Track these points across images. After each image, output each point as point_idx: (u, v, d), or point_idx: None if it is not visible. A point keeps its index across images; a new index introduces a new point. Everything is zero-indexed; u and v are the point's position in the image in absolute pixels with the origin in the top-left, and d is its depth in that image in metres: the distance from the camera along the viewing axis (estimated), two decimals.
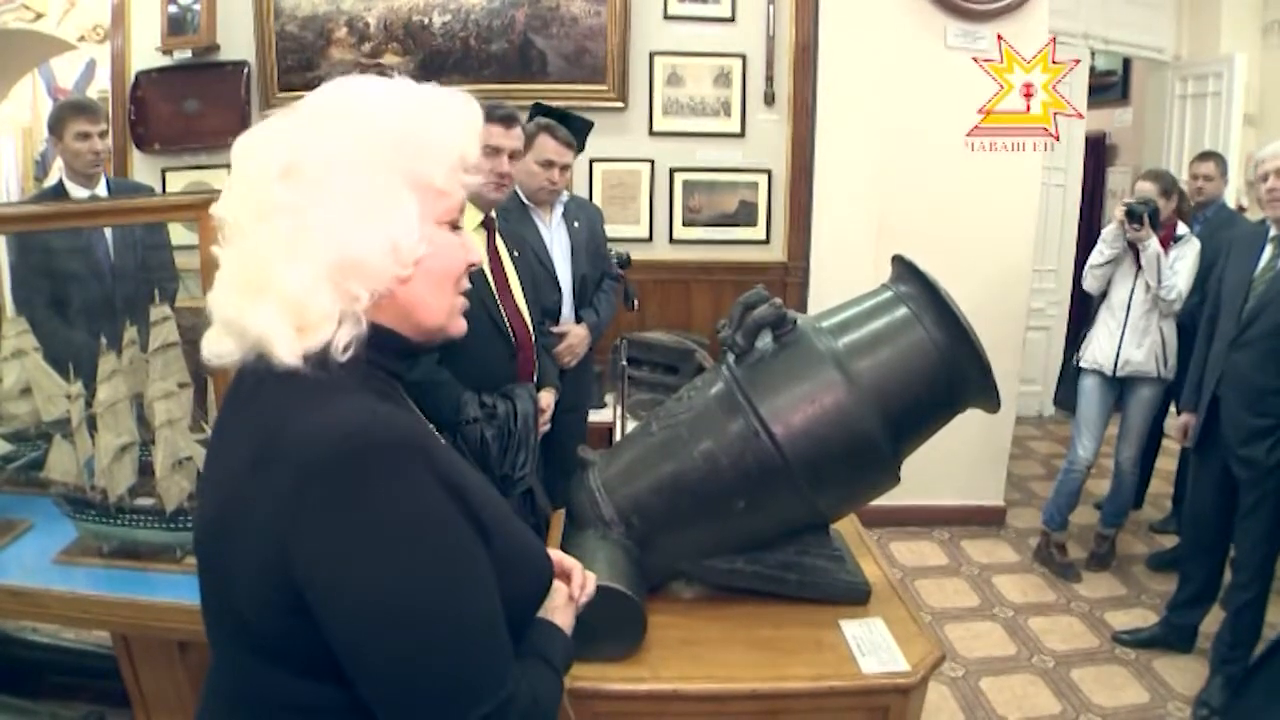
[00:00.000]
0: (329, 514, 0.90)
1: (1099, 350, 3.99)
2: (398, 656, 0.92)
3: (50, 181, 4.80)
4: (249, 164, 1.00)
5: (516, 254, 2.88)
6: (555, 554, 1.31)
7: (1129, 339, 3.89)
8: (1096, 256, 3.97)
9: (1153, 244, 3.73)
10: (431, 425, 1.14)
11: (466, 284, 1.10)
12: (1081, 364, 4.08)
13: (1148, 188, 3.87)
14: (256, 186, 0.98)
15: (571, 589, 1.28)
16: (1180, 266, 3.78)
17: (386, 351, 1.04)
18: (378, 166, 0.99)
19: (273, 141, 1.00)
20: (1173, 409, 3.89)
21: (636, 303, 3.54)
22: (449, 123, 1.05)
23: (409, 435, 0.96)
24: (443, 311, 1.07)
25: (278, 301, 0.95)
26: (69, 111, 3.42)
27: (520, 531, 1.15)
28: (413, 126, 1.02)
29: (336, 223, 0.97)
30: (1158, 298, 3.78)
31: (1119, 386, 4.01)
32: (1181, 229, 3.91)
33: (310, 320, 0.96)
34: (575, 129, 3.50)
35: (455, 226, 1.07)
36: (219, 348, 1.00)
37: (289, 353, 0.95)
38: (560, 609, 1.24)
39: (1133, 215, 3.73)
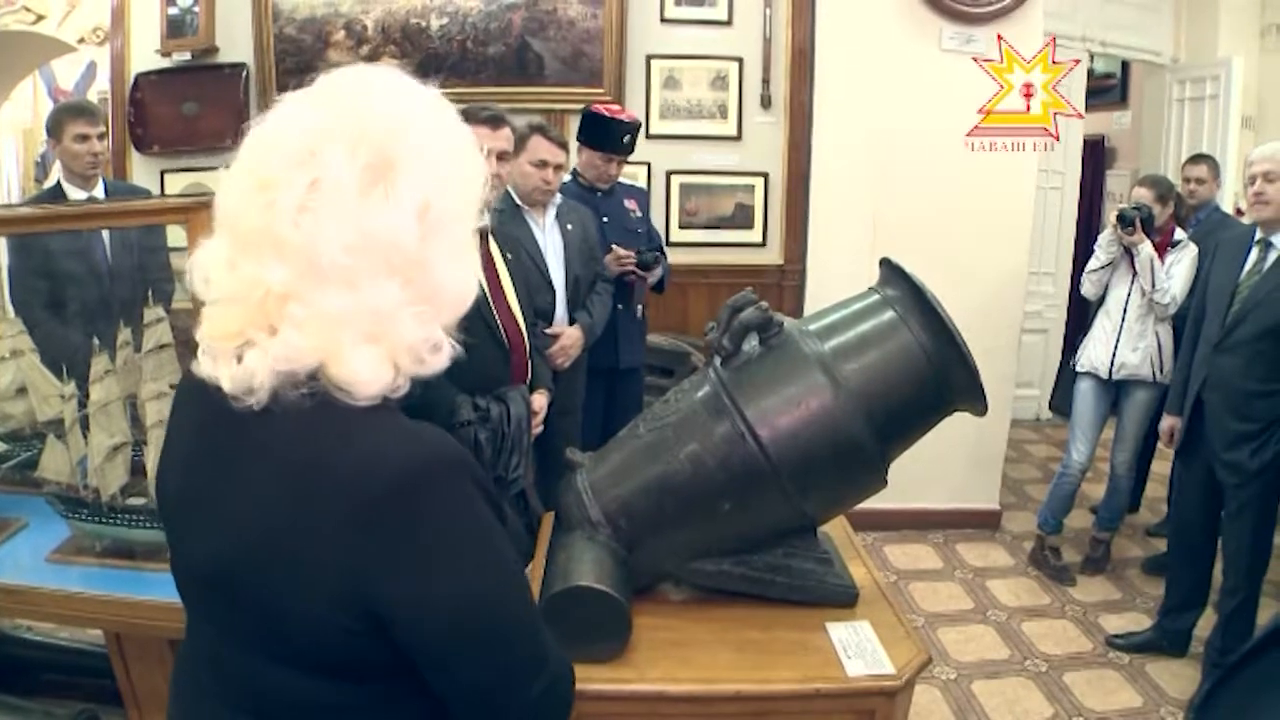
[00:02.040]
0: (399, 539, 0.94)
1: (1095, 354, 4.00)
2: (480, 654, 1.01)
3: (50, 183, 4.81)
4: (369, 202, 0.93)
5: (510, 256, 2.89)
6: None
7: (1125, 342, 3.91)
8: (1093, 262, 4.00)
9: (1145, 248, 3.74)
10: None
11: None
12: (1077, 367, 4.09)
13: (1144, 194, 3.89)
14: (389, 232, 0.93)
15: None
16: (1176, 271, 3.79)
17: None
18: (474, 208, 1.03)
19: (386, 171, 0.95)
20: None
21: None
22: (481, 158, 1.06)
23: (453, 452, 1.00)
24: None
25: (390, 349, 0.96)
26: (67, 113, 3.43)
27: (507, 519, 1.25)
28: (480, 165, 1.05)
29: (457, 274, 1.00)
30: (1153, 302, 3.79)
31: (1115, 390, 4.02)
32: (1179, 234, 3.93)
33: (412, 369, 0.98)
34: (626, 133, 3.59)
35: None
36: (248, 380, 0.94)
37: (377, 396, 0.96)
38: None
39: (1124, 220, 3.75)
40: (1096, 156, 6.93)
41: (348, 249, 0.92)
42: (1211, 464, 3.08)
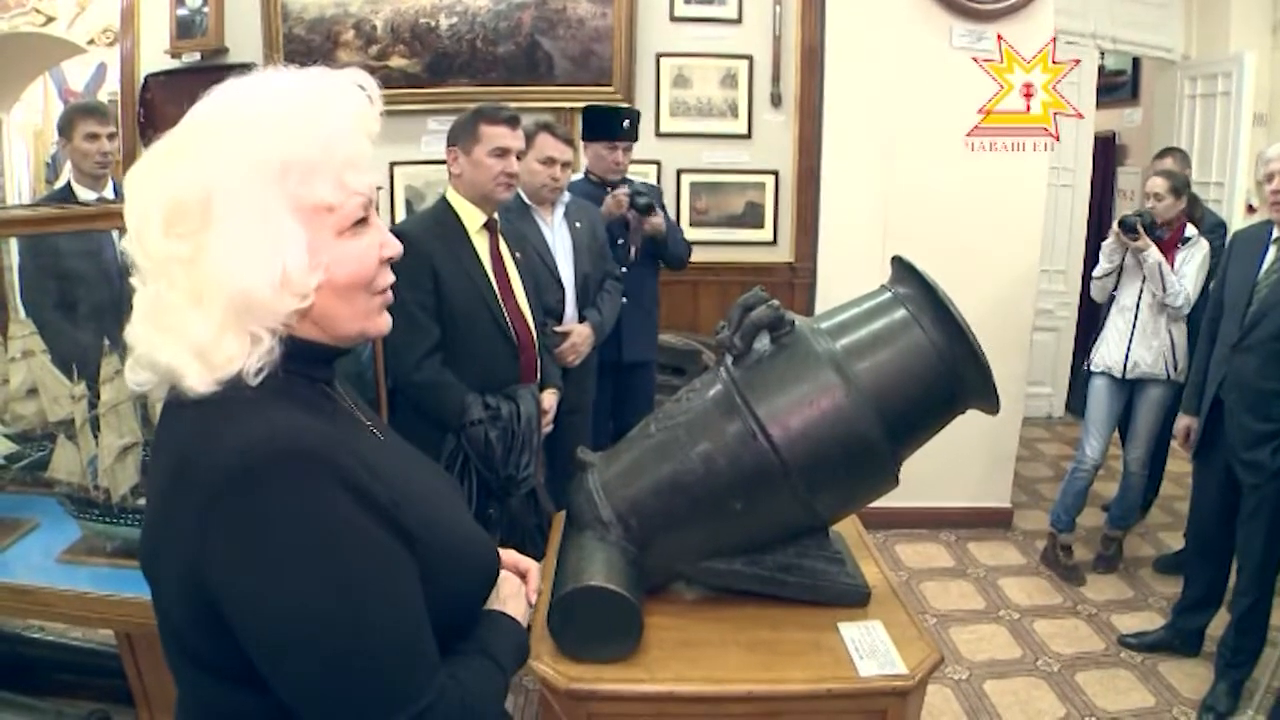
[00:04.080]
0: (232, 533, 0.90)
1: (1108, 352, 4.00)
2: (309, 670, 0.93)
3: (60, 184, 4.83)
4: (131, 216, 0.98)
5: (519, 255, 2.89)
6: (510, 555, 1.32)
7: (1138, 341, 3.90)
8: (1098, 269, 4.00)
9: (1152, 253, 3.73)
10: (366, 422, 1.16)
11: (388, 277, 1.08)
12: (1091, 367, 4.08)
13: (1159, 183, 3.86)
14: (144, 238, 0.96)
15: (528, 588, 1.29)
16: (1187, 270, 3.78)
17: (306, 360, 1.04)
18: (258, 200, 0.96)
19: (151, 184, 0.97)
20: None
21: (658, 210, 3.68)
22: (334, 127, 1.00)
23: (309, 445, 0.94)
24: (357, 318, 1.05)
25: (186, 344, 0.95)
26: (78, 113, 3.45)
27: (460, 525, 1.16)
28: (295, 146, 0.98)
29: (225, 266, 0.95)
30: (1164, 304, 3.77)
31: (1129, 388, 4.00)
32: (1190, 230, 3.90)
33: (217, 362, 0.95)
34: (624, 118, 3.60)
35: (362, 221, 1.04)
36: (137, 377, 1.00)
37: (200, 384, 0.95)
38: (512, 598, 1.23)
39: (1127, 227, 3.74)
40: (1107, 154, 6.90)
41: (130, 244, 0.98)
42: (1230, 463, 3.05)
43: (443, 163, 2.80)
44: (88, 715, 2.58)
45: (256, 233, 0.95)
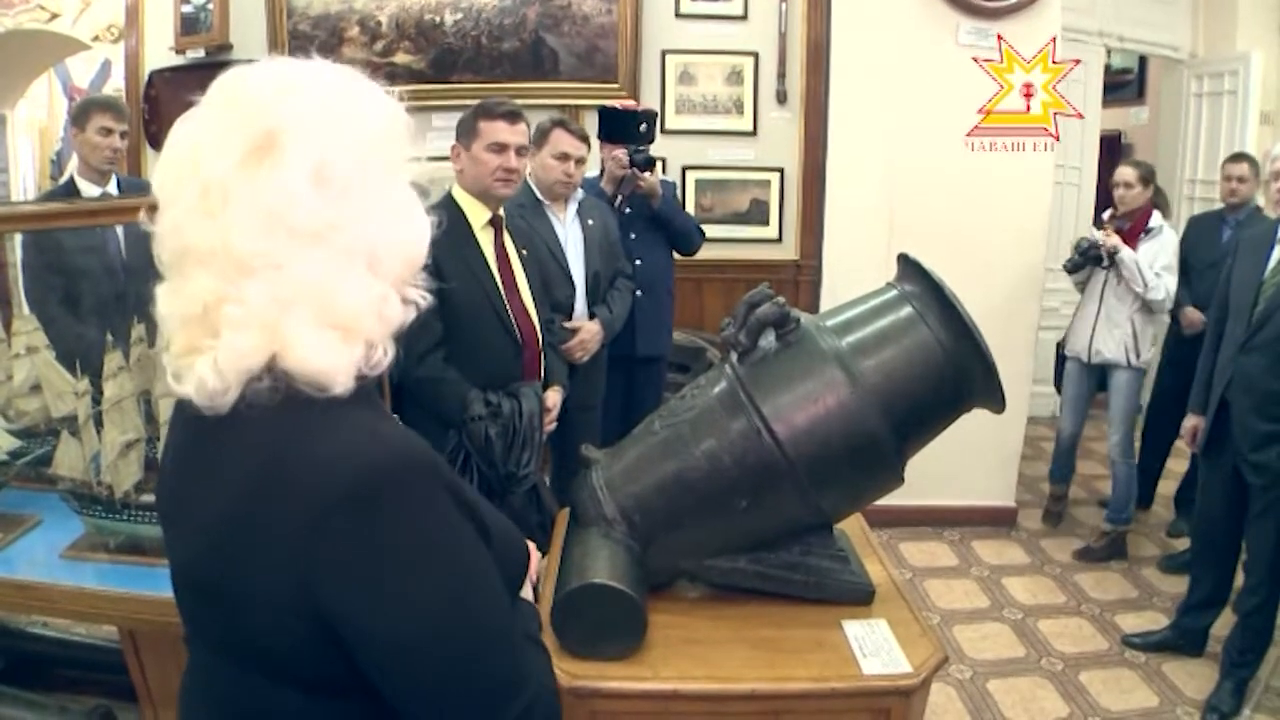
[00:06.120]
0: (353, 546, 0.89)
1: (1077, 339, 4.30)
2: (435, 674, 0.94)
3: (64, 179, 4.83)
4: (259, 175, 0.89)
5: (525, 252, 2.89)
6: None
7: (1101, 329, 4.17)
8: (1070, 270, 4.27)
9: (1126, 254, 3.98)
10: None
11: None
12: (1065, 350, 4.43)
13: (1129, 172, 4.09)
14: (283, 201, 0.89)
15: (529, 572, 1.30)
16: (1161, 266, 3.97)
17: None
18: (385, 157, 0.97)
19: (272, 143, 0.90)
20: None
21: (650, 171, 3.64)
22: (394, 106, 1.01)
23: (418, 455, 0.95)
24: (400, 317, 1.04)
25: (336, 326, 0.92)
26: (95, 105, 3.46)
27: (502, 519, 1.16)
28: (388, 114, 0.99)
29: (388, 224, 0.95)
30: (1146, 300, 3.98)
31: (1099, 370, 4.30)
32: (1155, 220, 4.08)
33: (370, 337, 0.94)
34: (639, 120, 3.60)
35: None
36: (218, 387, 0.91)
37: (347, 379, 0.92)
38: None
39: (1093, 261, 4.09)
40: (1114, 152, 6.87)
41: (257, 234, 0.89)
42: (1237, 464, 3.04)
43: (447, 159, 2.80)
44: (91, 711, 2.58)
45: (399, 191, 0.97)
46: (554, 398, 2.88)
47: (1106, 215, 4.23)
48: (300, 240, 0.90)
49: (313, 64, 0.98)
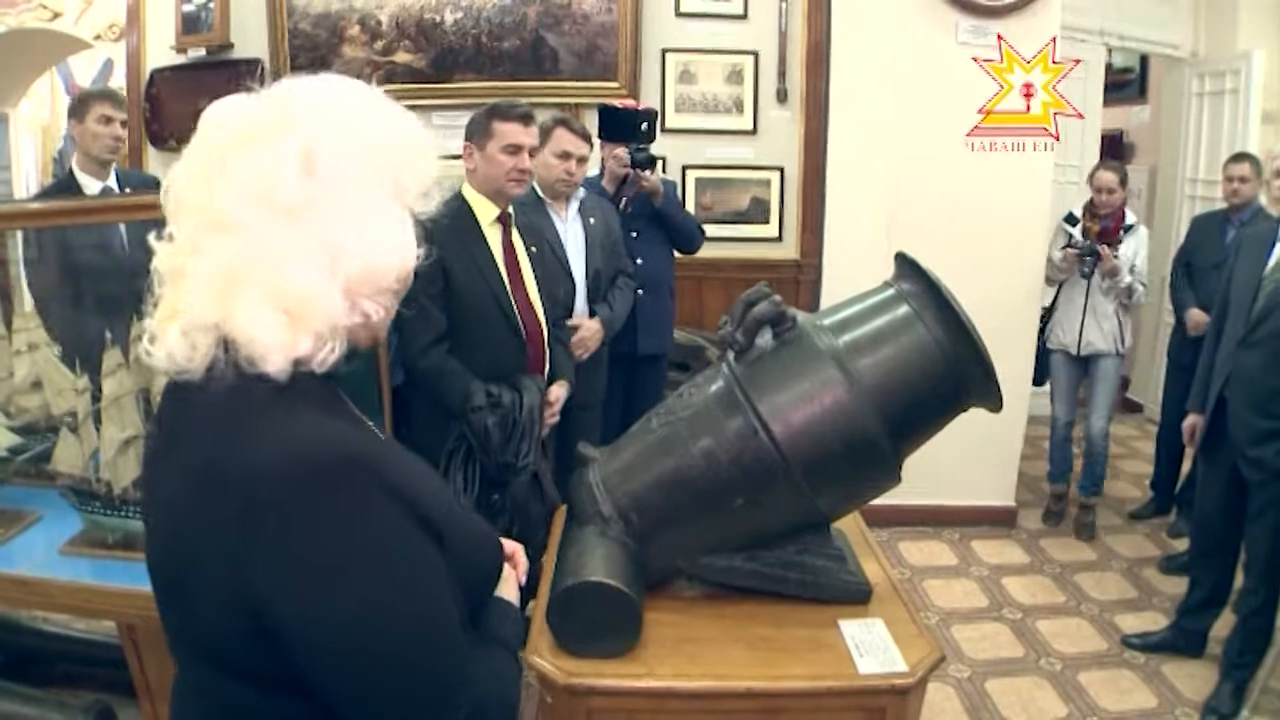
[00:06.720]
0: (285, 542, 0.89)
1: (1065, 333, 4.43)
2: (369, 674, 0.93)
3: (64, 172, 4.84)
4: (255, 149, 0.94)
5: (534, 249, 2.91)
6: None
7: (1090, 323, 4.34)
8: (1050, 269, 4.40)
9: (1124, 277, 4.18)
10: (370, 421, 1.13)
11: None
12: (1048, 344, 4.51)
13: (1110, 178, 4.23)
14: (269, 175, 0.92)
15: (517, 571, 1.31)
16: (1142, 258, 4.26)
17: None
18: (384, 176, 0.98)
19: (278, 127, 0.95)
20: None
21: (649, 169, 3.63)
22: (427, 145, 1.04)
23: (356, 453, 0.95)
24: (386, 325, 1.07)
25: (283, 305, 0.92)
26: (94, 97, 3.47)
27: (469, 520, 1.17)
28: (408, 143, 1.01)
29: (360, 231, 0.95)
30: (1130, 294, 4.22)
31: (1084, 361, 4.45)
32: (1129, 217, 4.29)
33: (314, 328, 0.94)
34: (640, 120, 3.61)
35: None
36: (183, 353, 0.93)
37: (281, 361, 0.92)
38: (505, 582, 1.26)
39: (1092, 256, 4.21)
40: (1115, 152, 6.87)
41: (237, 197, 0.93)
42: (1236, 462, 3.04)
43: (448, 158, 2.80)
44: (90, 706, 2.58)
45: (383, 208, 0.99)
46: (558, 392, 2.89)
47: (1080, 213, 4.37)
48: (273, 212, 0.93)
49: (356, 83, 1.03)
